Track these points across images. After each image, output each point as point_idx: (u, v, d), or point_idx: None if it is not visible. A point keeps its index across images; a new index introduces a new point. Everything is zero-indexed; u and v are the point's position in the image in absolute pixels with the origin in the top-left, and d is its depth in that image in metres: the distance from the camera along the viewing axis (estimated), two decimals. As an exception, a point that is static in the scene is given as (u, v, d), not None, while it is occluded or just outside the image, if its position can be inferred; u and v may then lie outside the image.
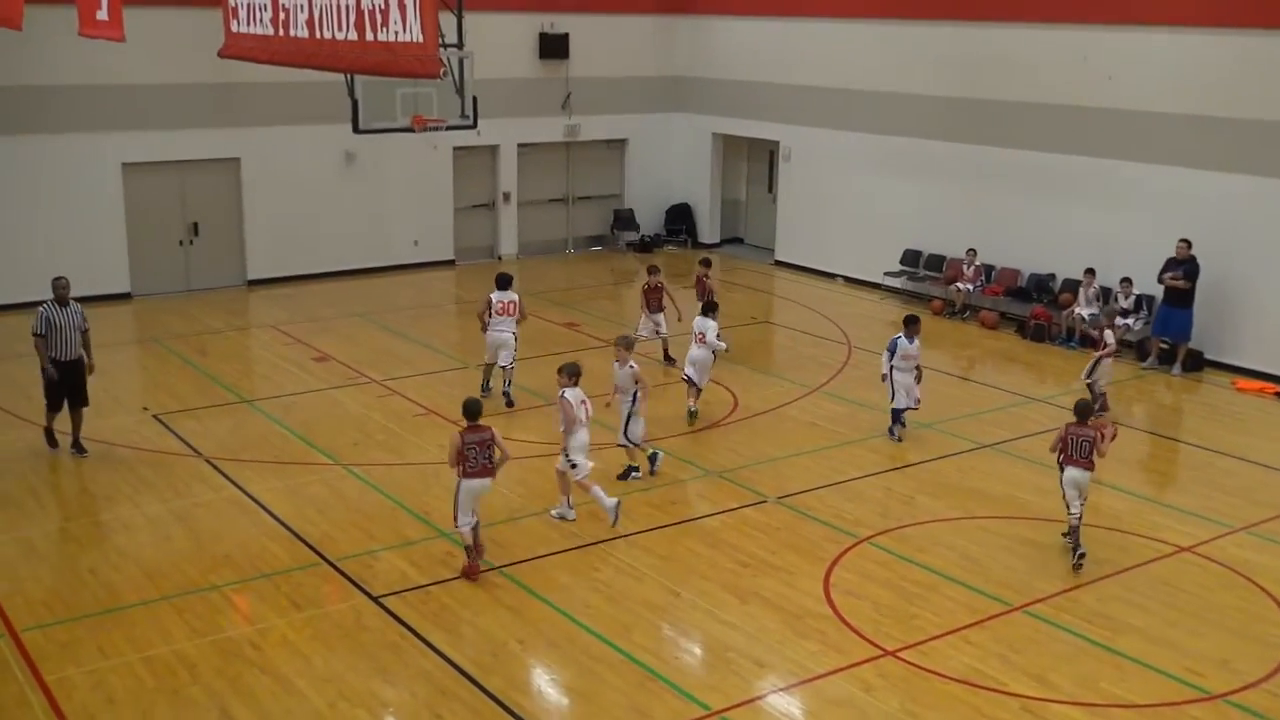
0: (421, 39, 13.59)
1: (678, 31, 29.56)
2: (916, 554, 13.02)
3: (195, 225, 24.56)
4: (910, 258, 24.87)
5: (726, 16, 28.51)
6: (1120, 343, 20.88)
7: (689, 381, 17.08)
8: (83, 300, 22.84)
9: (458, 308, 24.21)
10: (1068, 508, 12.91)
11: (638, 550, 12.99)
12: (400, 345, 20.76)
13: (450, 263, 27.53)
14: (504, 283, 17.73)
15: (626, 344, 14.65)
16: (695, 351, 17.04)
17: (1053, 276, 22.63)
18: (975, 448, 16.28)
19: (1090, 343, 20.96)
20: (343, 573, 12.40)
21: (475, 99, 18.98)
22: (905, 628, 11.49)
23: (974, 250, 23.34)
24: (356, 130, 18.73)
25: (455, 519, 12.21)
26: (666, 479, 14.92)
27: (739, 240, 30.66)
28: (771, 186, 29.28)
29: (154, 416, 17.06)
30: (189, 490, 14.46)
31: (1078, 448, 12.82)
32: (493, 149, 27.86)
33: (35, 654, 10.83)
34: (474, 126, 19.32)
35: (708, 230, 30.06)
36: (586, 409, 13.51)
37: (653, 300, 19.48)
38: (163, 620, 11.40)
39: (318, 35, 15.18)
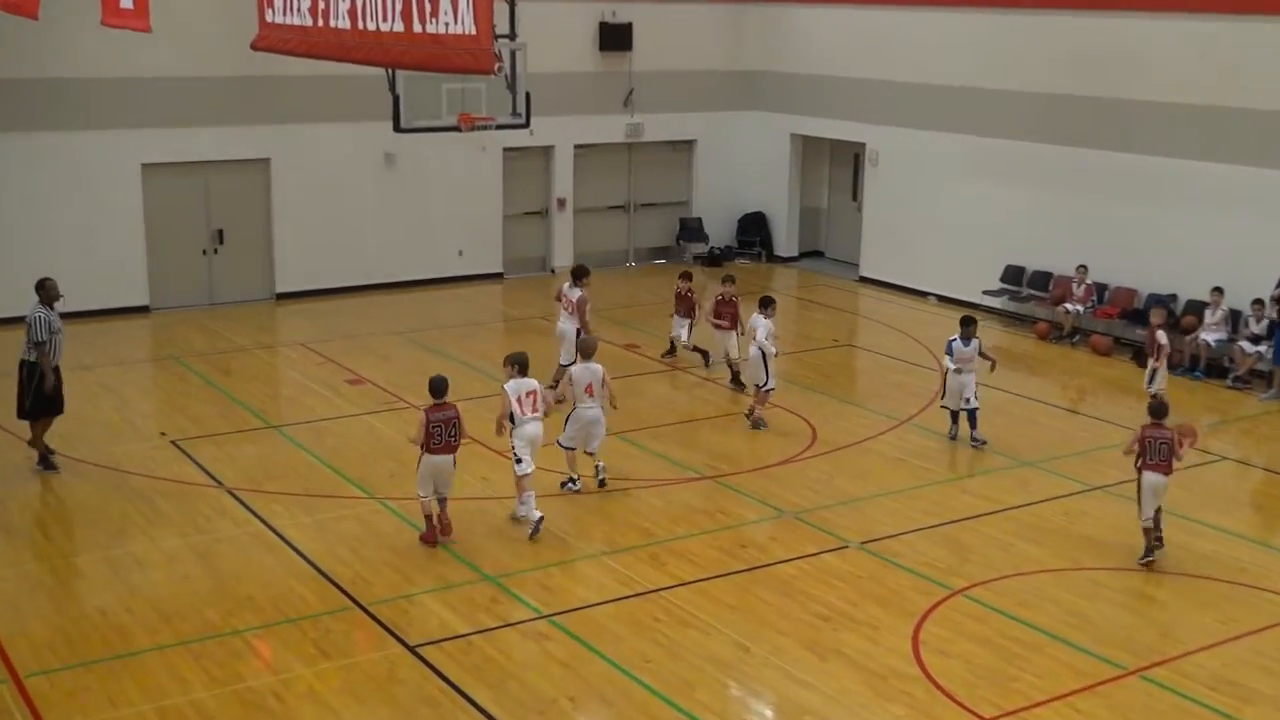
0: (474, 30, 13.67)
1: (752, 21, 29.61)
2: (1017, 609, 12.86)
3: (220, 232, 24.90)
4: (1012, 275, 24.67)
5: (807, 4, 28.51)
6: (1251, 372, 20.53)
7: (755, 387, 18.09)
8: (96, 314, 23.43)
9: (505, 325, 24.32)
10: (1141, 512, 13.77)
11: (703, 599, 12.93)
12: (442, 367, 20.81)
13: (498, 276, 27.68)
14: (578, 275, 19.04)
15: (586, 348, 15.73)
16: (749, 350, 17.86)
17: (1174, 297, 22.35)
18: (1085, 489, 16.08)
19: (1219, 371, 20.65)
20: (376, 618, 12.45)
21: (528, 95, 19.10)
22: (1003, 691, 11.34)
23: (1085, 267, 23.10)
24: (397, 129, 18.90)
25: (418, 490, 13.91)
26: (735, 519, 14.87)
27: (819, 254, 30.57)
28: (856, 194, 29.17)
29: (172, 442, 17.25)
30: (209, 524, 14.61)
31: (1155, 450, 13.64)
32: (546, 150, 28.02)
33: (39, 702, 10.95)
34: (526, 125, 19.43)
35: (784, 242, 30.01)
36: (535, 401, 14.26)
37: (682, 306, 20.54)
38: (178, 667, 11.50)
39: (360, 26, 15.34)
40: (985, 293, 24.85)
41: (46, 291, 15.97)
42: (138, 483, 15.77)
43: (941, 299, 25.93)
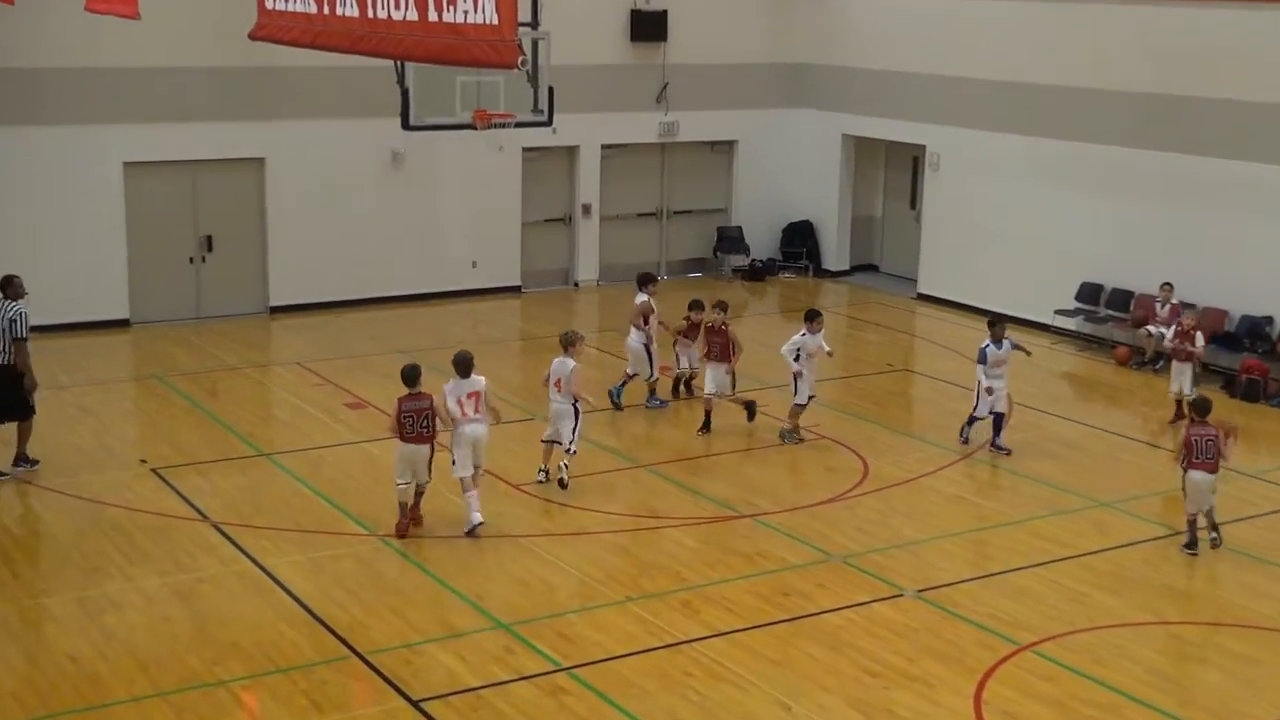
0: (496, 20, 13.71)
1: (801, 8, 29.66)
2: (1092, 666, 12.77)
3: (209, 239, 25.05)
4: (1089, 293, 24.59)
5: (862, -9, 28.69)
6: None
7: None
8: (72, 328, 23.56)
9: (523, 344, 24.38)
10: (1187, 509, 15.27)
11: (740, 651, 12.89)
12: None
13: (516, 289, 27.74)
14: (642, 282, 19.85)
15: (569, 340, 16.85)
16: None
17: (1270, 320, 22.23)
18: (1169, 534, 15.98)
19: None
20: (376, 669, 12.45)
21: (551, 90, 19.15)
22: (1077, 760, 11.27)
23: (1170, 285, 23.02)
24: (406, 126, 18.98)
25: (396, 478, 15.13)
26: (776, 562, 14.83)
27: (872, 268, 30.53)
28: (915, 201, 29.15)
29: (152, 471, 17.32)
30: (192, 562, 14.64)
31: (1202, 449, 15.07)
32: (570, 151, 28.11)
33: (3, 757, 11.00)
34: (549, 123, 19.49)
35: (834, 254, 29.99)
36: (476, 403, 15.24)
37: (691, 334, 20.36)
38: (157, 720, 11.55)
39: (371, 14, 15.42)
40: (1058, 313, 24.77)
41: (14, 288, 16.30)
42: (115, 515, 15.83)
43: (1010, 320, 25.79)
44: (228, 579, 14.23)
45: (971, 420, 18.84)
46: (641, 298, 20.14)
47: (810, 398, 18.90)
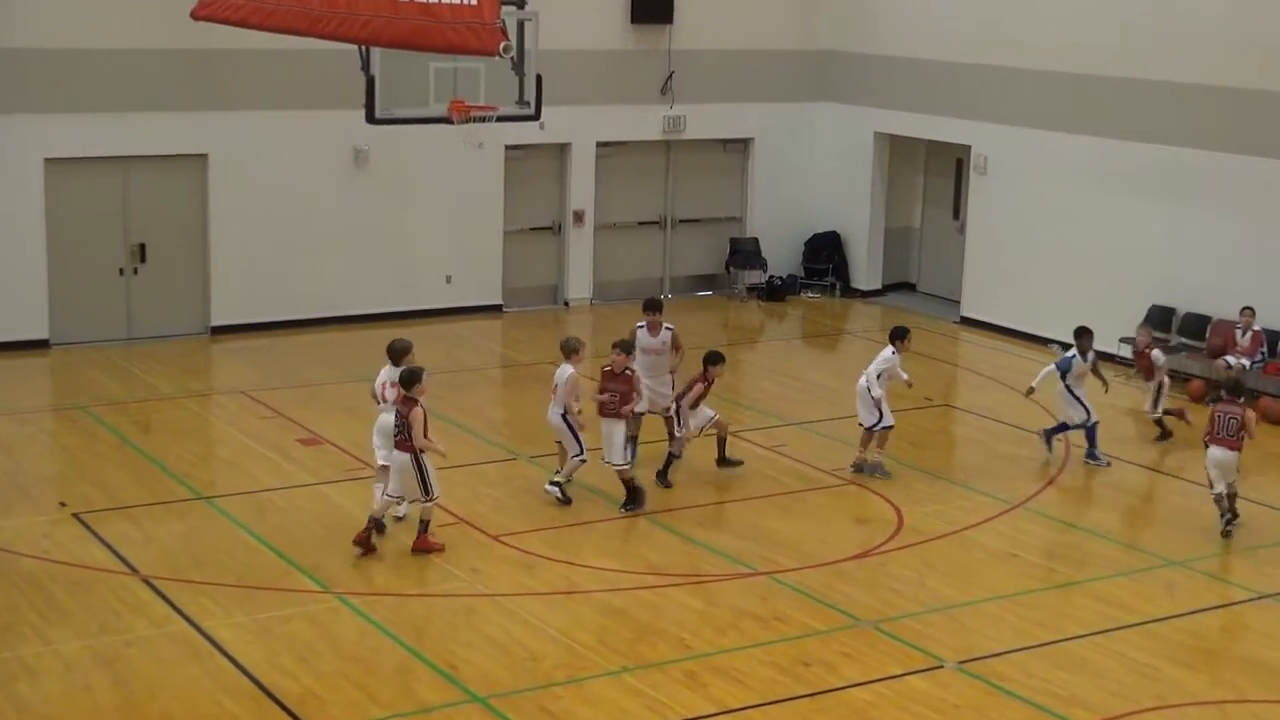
0: (475, 0, 13.79)
1: (828, -12, 29.88)
2: (1162, 752, 12.76)
3: (141, 248, 25.06)
4: (1159, 318, 24.60)
5: (899, -32, 28.80)
6: None
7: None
8: (-16, 349, 23.54)
9: (505, 373, 24.37)
10: (1211, 487, 17.33)
11: (753, 731, 12.90)
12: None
13: (496, 309, 27.75)
14: (653, 306, 19.28)
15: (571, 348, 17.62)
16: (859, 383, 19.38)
17: (1369, 350, 22.24)
18: (1251, 597, 15.96)
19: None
20: (330, 748, 12.43)
21: (539, 79, 19.18)
22: None
23: (1251, 309, 23.05)
24: (371, 120, 19.00)
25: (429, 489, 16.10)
26: (796, 628, 14.82)
27: (909, 287, 30.55)
28: (958, 211, 29.19)
29: (74, 516, 17.28)
30: (118, 622, 14.59)
31: (1224, 425, 17.27)
32: (561, 149, 28.17)
33: None
34: (536, 117, 19.51)
35: (864, 271, 30.02)
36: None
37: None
38: (76, 806, 11.51)
39: (332, -8, 15.51)
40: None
41: None
42: (29, 567, 15.77)
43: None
44: (159, 642, 14.18)
45: (1062, 428, 19.96)
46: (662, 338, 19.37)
47: (888, 427, 19.20)
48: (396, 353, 16.98)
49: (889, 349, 19.36)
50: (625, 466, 17.68)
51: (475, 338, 26.20)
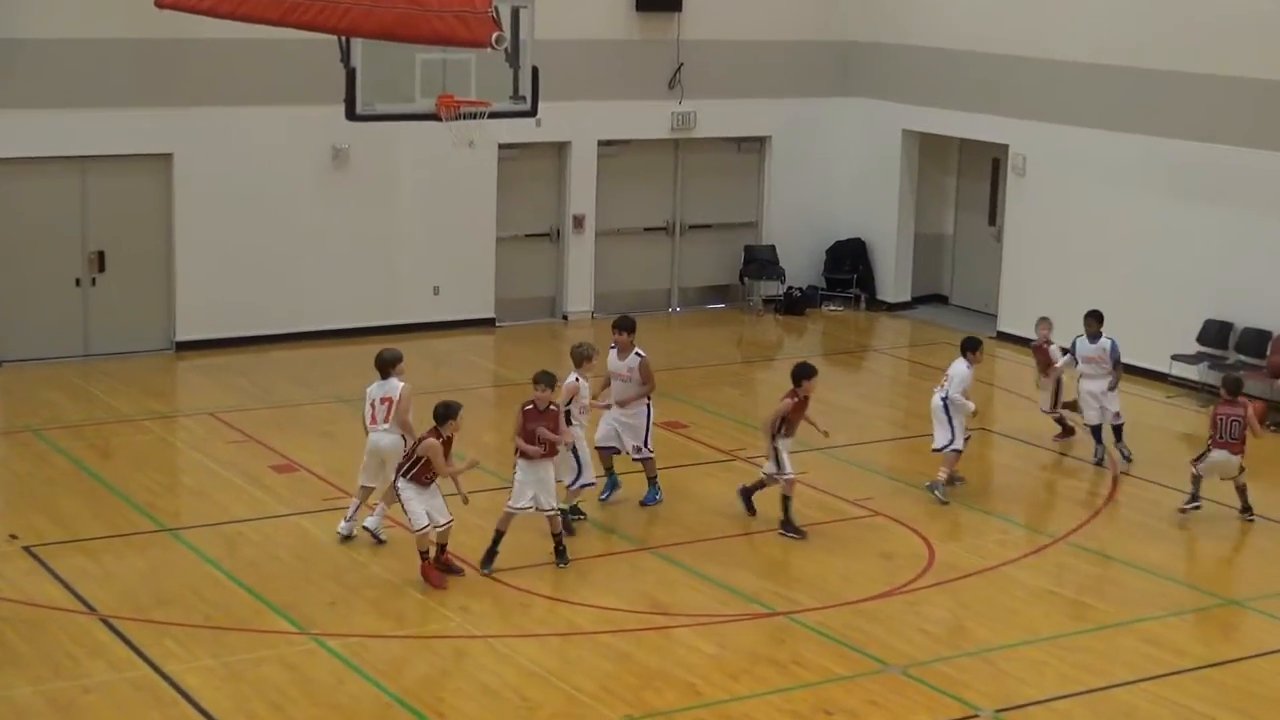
0: (466, -13, 13.80)
1: (852, -28, 29.92)
2: (1219, 810, 12.73)
3: (100, 256, 25.08)
4: (1215, 333, 24.59)
5: (929, -50, 28.84)
6: None
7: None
8: (-73, 367, 23.54)
9: (497, 393, 24.35)
10: (1203, 478, 18.50)
11: (770, 786, 12.87)
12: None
13: (489, 323, 27.75)
14: (625, 326, 19.09)
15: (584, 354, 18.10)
16: (933, 398, 19.83)
17: None
18: (1316, 641, 15.96)
19: None
20: (306, 805, 12.42)
21: (536, 72, 19.18)
22: None
23: (1317, 324, 23.04)
24: (352, 116, 19.00)
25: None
26: (817, 673, 14.80)
27: (940, 299, 30.55)
28: (994, 216, 29.19)
29: (25, 549, 17.26)
30: (75, 667, 14.55)
31: (1226, 429, 18.36)
32: (559, 148, 28.21)
33: None
34: (532, 114, 19.51)
35: (891, 282, 30.03)
36: (389, 410, 17.21)
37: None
38: None
39: (307, -24, 15.53)
40: (1176, 358, 24.77)
41: None
42: (-23, 605, 15.82)
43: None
44: (120, 688, 14.15)
45: (1094, 434, 20.86)
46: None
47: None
48: (385, 363, 17.39)
49: (962, 362, 19.70)
50: (555, 513, 17.23)
51: (465, 354, 26.19)
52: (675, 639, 15.46)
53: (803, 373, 18.33)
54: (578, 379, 17.92)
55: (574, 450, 17.71)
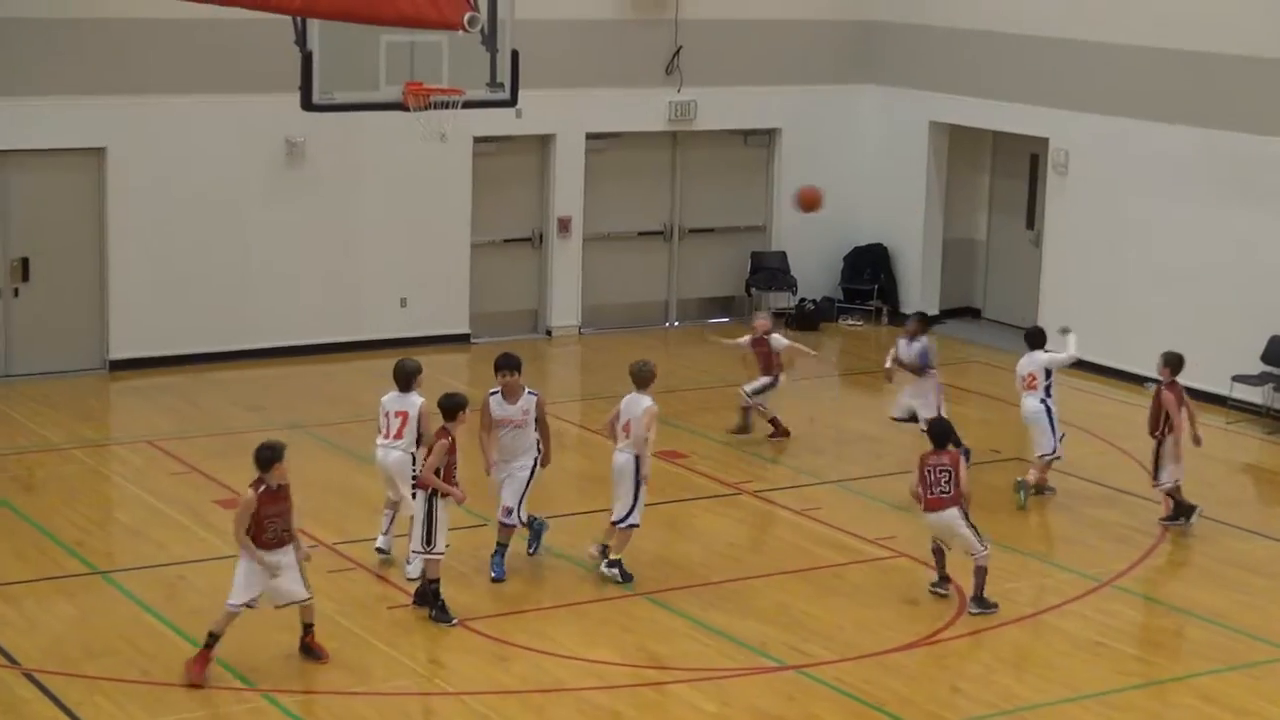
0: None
1: (872, -56, 30.00)
2: None
3: (23, 264, 25.11)
4: (1280, 352, 24.68)
5: (959, -81, 28.90)
6: None
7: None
8: None
9: (472, 418, 24.33)
10: (938, 556, 17.79)
11: None
12: (369, 482, 20.91)
13: (463, 339, 27.76)
14: (511, 365, 19.01)
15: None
16: (1025, 401, 20.91)
17: None
18: (1396, 698, 15.98)
19: None
20: None
21: (515, 55, 19.22)
22: None
23: (1398, 340, 23.09)
24: (308, 106, 19.03)
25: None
26: (834, 735, 14.85)
27: (973, 312, 30.59)
28: (1032, 219, 29.24)
29: (-60, 595, 17.33)
30: (-5, 726, 14.62)
31: (934, 482, 17.53)
32: (543, 142, 28.28)
33: None
34: (512, 103, 19.55)
35: (917, 293, 30.09)
36: (403, 424, 17.76)
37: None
38: None
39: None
40: (1238, 379, 24.82)
41: None
42: (-116, 658, 15.82)
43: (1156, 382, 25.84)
44: (44, 752, 14.20)
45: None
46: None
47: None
48: (407, 375, 17.98)
49: (1040, 353, 21.14)
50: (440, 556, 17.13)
51: (436, 374, 26.07)
52: (673, 696, 15.49)
53: (1176, 361, 20.37)
54: (650, 401, 18.06)
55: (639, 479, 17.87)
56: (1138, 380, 26.00)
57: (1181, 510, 19.88)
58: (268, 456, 15.73)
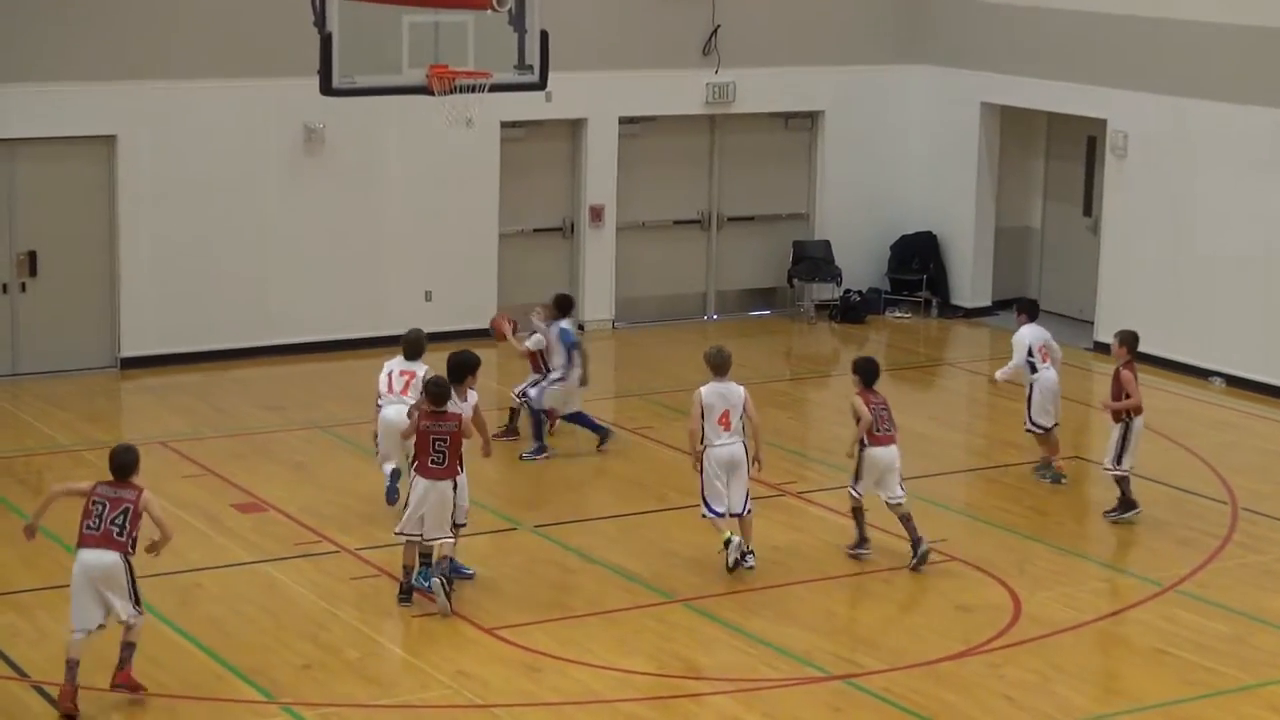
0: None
1: (920, -84, 29.98)
2: None
3: (31, 257, 25.20)
4: (1352, 343, 24.59)
5: (1011, -111, 28.83)
6: None
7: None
8: None
9: (501, 417, 24.40)
10: (858, 516, 18.77)
11: None
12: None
13: (490, 333, 27.76)
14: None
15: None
16: (1044, 373, 21.46)
17: None
18: None
19: None
20: None
21: (545, 36, 19.24)
22: None
23: None
24: (328, 91, 19.06)
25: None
26: (882, 749, 14.84)
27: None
28: (1090, 206, 29.18)
29: (-55, 603, 17.39)
30: (3, 741, 14.69)
31: (880, 419, 18.59)
32: (574, 127, 28.31)
33: None
34: (542, 86, 19.56)
35: (968, 284, 30.06)
36: (408, 382, 19.04)
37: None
38: None
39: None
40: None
41: None
42: (-113, 670, 15.88)
43: (1233, 382, 25.79)
44: (55, 768, 14.24)
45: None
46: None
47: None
48: (412, 343, 19.39)
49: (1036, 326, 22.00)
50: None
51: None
52: (711, 707, 15.50)
53: None
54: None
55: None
56: (1201, 375, 25.96)
57: (1129, 503, 20.10)
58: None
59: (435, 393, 17.16)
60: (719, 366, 18.24)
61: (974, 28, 29.37)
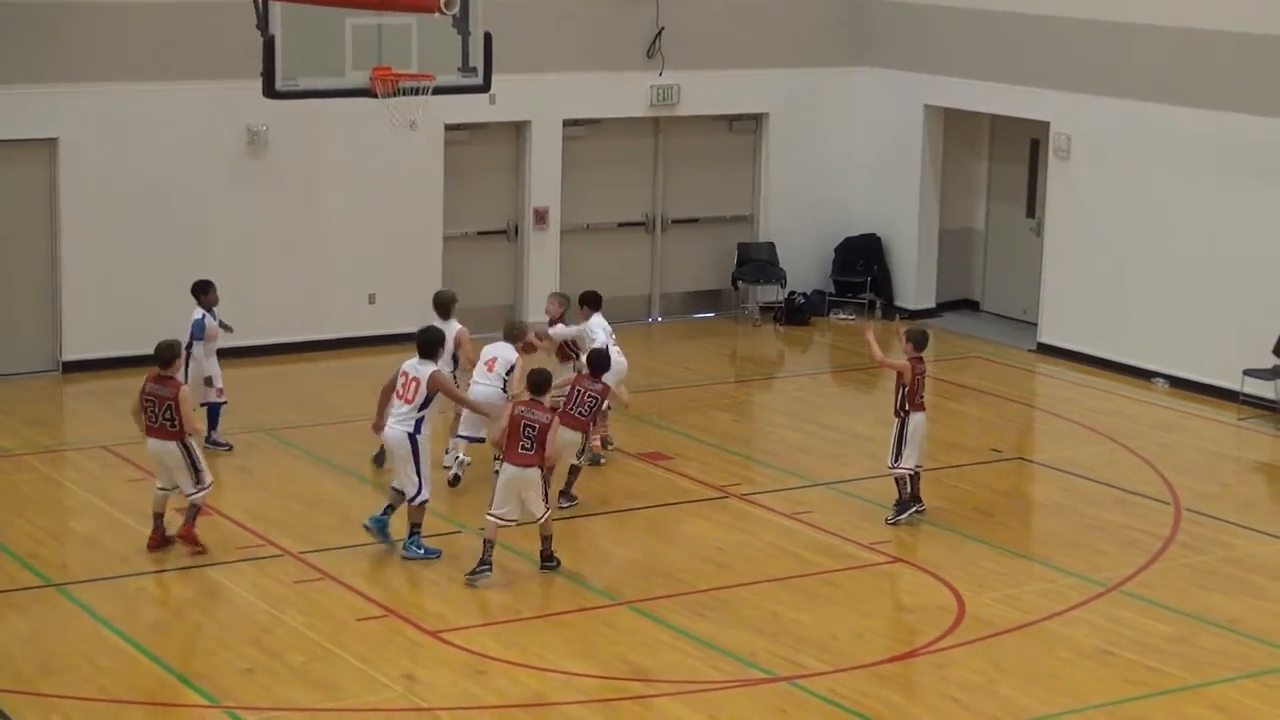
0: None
1: (863, -81, 30.03)
2: None
3: (-27, 261, 25.12)
4: (1297, 346, 24.70)
5: (954, -108, 28.91)
6: None
7: None
8: None
9: (446, 418, 24.38)
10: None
11: None
12: (337, 487, 20.89)
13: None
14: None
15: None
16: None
17: None
18: None
19: None
20: None
21: (489, 38, 19.22)
22: None
23: None
24: (270, 93, 19.02)
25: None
26: (827, 750, 14.88)
27: (970, 305, 30.62)
28: (1033, 207, 29.27)
29: (-114, 609, 17.32)
30: (-55, 748, 14.63)
31: (576, 401, 19.58)
32: (518, 129, 28.27)
33: None
34: (485, 89, 19.54)
35: (912, 285, 30.12)
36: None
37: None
38: None
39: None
40: (1249, 373, 24.84)
41: None
42: None
43: (1176, 383, 25.90)
44: (-3, 774, 14.22)
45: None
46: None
47: None
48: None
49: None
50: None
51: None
52: (658, 710, 15.50)
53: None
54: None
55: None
56: (1144, 376, 26.07)
57: (914, 500, 20.11)
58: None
59: (536, 382, 18.07)
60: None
61: (917, 31, 29.43)
